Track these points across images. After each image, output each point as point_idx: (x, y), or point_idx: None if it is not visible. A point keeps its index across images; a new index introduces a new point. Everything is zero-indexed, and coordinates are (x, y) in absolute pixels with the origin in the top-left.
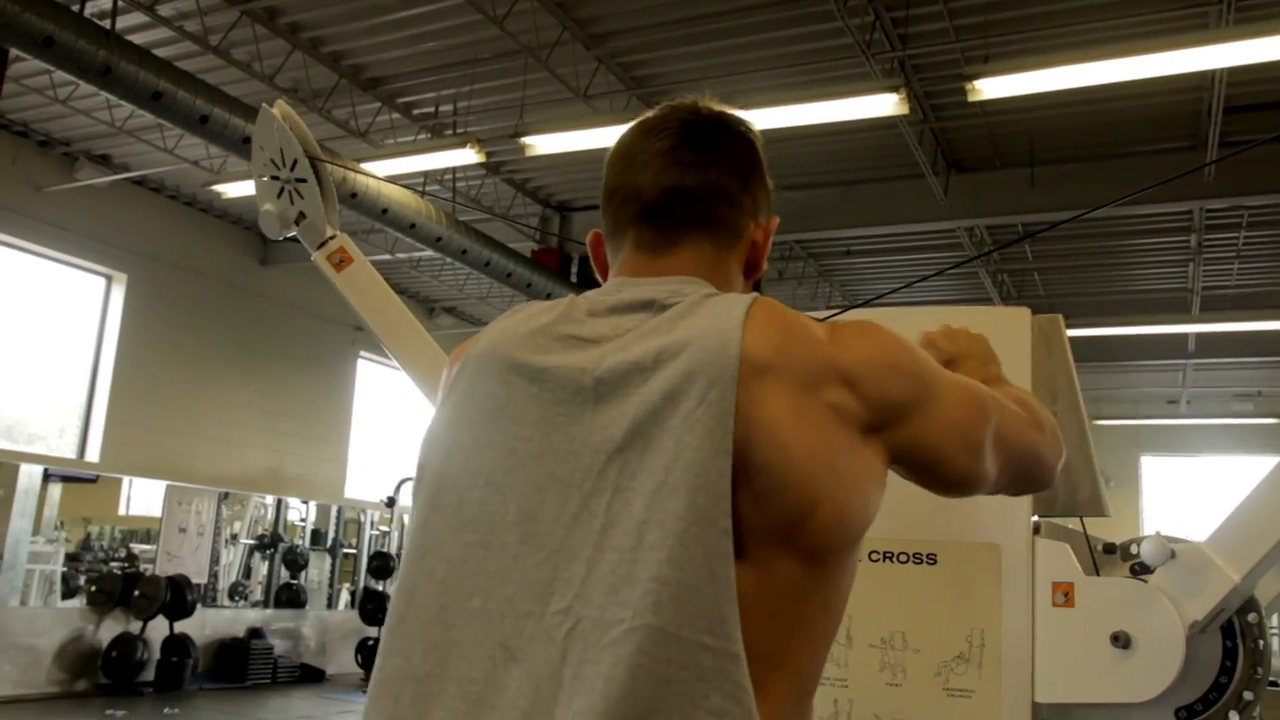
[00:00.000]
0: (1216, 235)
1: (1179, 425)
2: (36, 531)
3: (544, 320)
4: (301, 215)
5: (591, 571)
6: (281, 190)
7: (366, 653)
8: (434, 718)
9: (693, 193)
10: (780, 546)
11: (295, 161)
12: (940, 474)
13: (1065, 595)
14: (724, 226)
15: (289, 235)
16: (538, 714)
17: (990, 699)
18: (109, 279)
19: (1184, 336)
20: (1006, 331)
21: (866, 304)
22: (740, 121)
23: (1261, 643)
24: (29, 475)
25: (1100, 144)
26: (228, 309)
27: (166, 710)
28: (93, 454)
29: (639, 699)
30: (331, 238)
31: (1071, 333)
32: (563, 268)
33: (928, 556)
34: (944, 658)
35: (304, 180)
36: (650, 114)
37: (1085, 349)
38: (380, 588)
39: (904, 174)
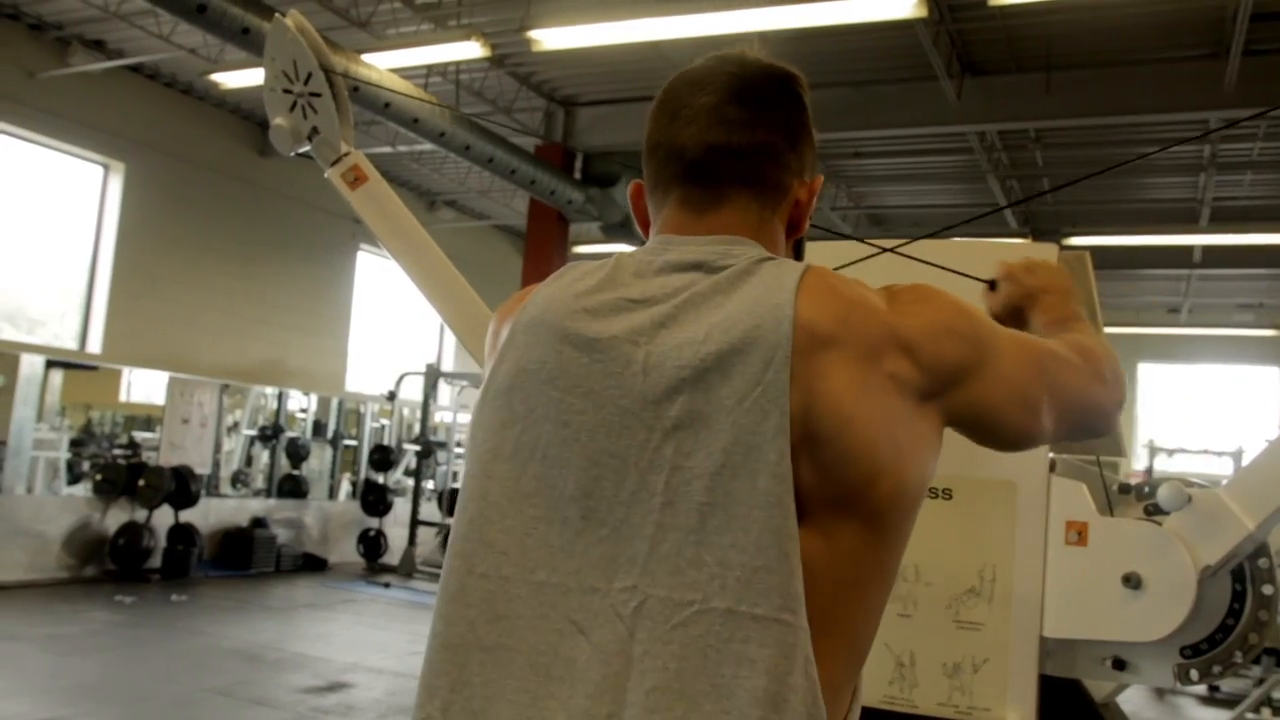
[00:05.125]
0: (1231, 145)
1: (1179, 335)
2: (40, 419)
3: (591, 283)
4: (315, 130)
5: (654, 550)
6: (294, 104)
7: (367, 543)
8: (505, 687)
9: (739, 151)
10: (842, 513)
11: (309, 75)
12: (998, 433)
13: (1079, 534)
14: (769, 185)
15: (302, 151)
16: (609, 687)
17: (999, 632)
18: (106, 168)
19: (1189, 246)
20: None
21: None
22: (789, 76)
23: (1269, 587)
24: (31, 363)
25: (1119, 49)
26: (227, 200)
27: (174, 597)
28: (94, 345)
29: (717, 677)
30: (346, 154)
31: (1077, 240)
32: (566, 164)
33: (943, 491)
34: (955, 591)
35: (318, 95)
36: (695, 65)
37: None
38: (380, 480)
39: (917, 75)
